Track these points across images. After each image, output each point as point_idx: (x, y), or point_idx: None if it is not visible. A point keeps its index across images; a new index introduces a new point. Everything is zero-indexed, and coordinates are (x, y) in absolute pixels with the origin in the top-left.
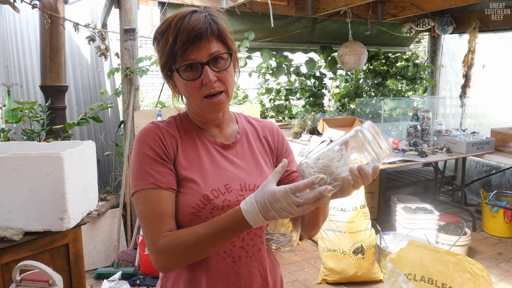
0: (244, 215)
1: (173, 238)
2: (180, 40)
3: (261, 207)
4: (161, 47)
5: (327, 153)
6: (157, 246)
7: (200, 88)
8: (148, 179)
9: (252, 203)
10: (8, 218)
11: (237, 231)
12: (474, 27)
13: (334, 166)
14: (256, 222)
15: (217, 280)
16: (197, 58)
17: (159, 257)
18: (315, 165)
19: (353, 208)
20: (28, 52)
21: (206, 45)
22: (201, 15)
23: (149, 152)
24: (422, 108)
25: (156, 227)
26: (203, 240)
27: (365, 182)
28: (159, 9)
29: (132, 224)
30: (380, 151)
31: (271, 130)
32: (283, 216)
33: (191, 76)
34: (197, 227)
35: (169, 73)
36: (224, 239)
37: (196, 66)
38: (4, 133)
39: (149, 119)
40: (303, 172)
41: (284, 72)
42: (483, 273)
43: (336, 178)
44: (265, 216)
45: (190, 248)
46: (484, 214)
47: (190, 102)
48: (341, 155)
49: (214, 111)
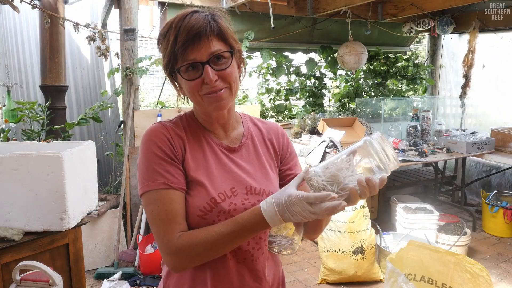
0: (264, 214)
1: (190, 238)
2: (180, 40)
3: (279, 209)
4: (164, 49)
5: (335, 162)
6: (173, 246)
7: (201, 87)
8: (159, 179)
9: (272, 203)
10: (8, 218)
11: (256, 230)
12: (474, 27)
13: (342, 176)
14: (275, 222)
15: (221, 281)
16: (197, 57)
17: (174, 257)
18: (323, 174)
19: (353, 208)
20: (28, 52)
21: (206, 44)
22: (201, 15)
23: (158, 152)
24: (422, 108)
25: (169, 227)
26: (222, 238)
27: (372, 193)
28: (159, 9)
29: (132, 224)
30: (388, 162)
31: (277, 133)
32: (298, 220)
33: (192, 76)
34: (215, 226)
35: (173, 75)
36: (242, 238)
37: (197, 66)
38: (4, 133)
39: (149, 119)
40: (310, 180)
41: (284, 72)
42: (483, 273)
43: (344, 188)
44: (282, 217)
45: (208, 248)
46: (484, 214)
47: (193, 102)
48: (348, 165)
49: (216, 108)
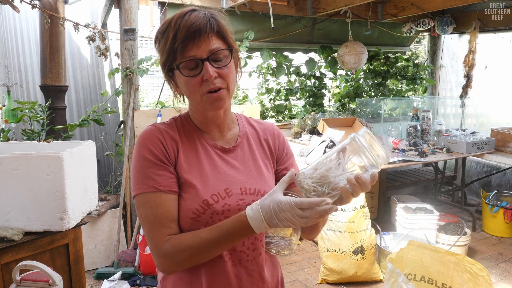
0: (249, 221)
1: (177, 243)
2: (179, 36)
3: (266, 215)
4: (162, 46)
5: (324, 162)
6: (161, 250)
7: (201, 84)
8: (149, 182)
9: (258, 210)
10: (8, 218)
11: (241, 236)
12: (474, 27)
13: (332, 176)
14: (260, 229)
15: (217, 283)
16: (197, 54)
17: (163, 260)
18: (313, 176)
19: (353, 208)
20: (28, 52)
21: (205, 41)
22: (201, 13)
23: (149, 156)
24: (422, 108)
25: (157, 231)
26: (208, 244)
27: (364, 190)
28: (159, 9)
29: (132, 224)
30: (376, 157)
31: (272, 133)
32: (286, 226)
33: (191, 73)
34: (201, 232)
35: (170, 73)
36: (228, 243)
37: (196, 63)
38: (4, 133)
39: (149, 119)
40: (301, 182)
41: (284, 72)
42: (483, 273)
43: (335, 187)
44: (269, 223)
45: (195, 253)
46: (484, 214)
47: (191, 100)
48: (338, 164)
49: (214, 107)
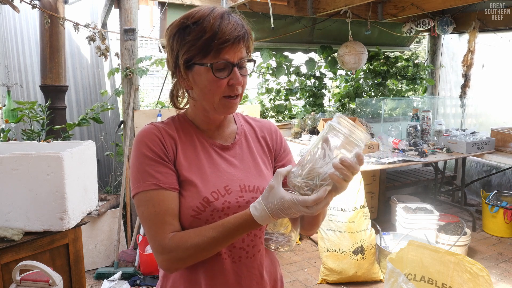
0: (256, 219)
1: (181, 241)
2: (220, 37)
3: (272, 212)
4: (192, 37)
5: (308, 158)
6: (164, 248)
7: (224, 87)
8: (150, 180)
9: (263, 209)
10: (8, 218)
11: (246, 232)
12: (474, 27)
13: (319, 167)
14: (266, 222)
15: (217, 280)
16: (230, 58)
17: (166, 257)
18: (301, 173)
19: (353, 208)
20: (28, 52)
21: (240, 49)
22: (236, 18)
23: (149, 153)
24: (422, 108)
25: (160, 228)
26: (214, 243)
27: (354, 172)
28: (159, 9)
29: (132, 224)
30: (357, 137)
31: (269, 130)
32: (291, 216)
33: (220, 74)
34: (206, 231)
35: (187, 64)
36: (231, 241)
37: (225, 65)
38: (4, 133)
39: (149, 119)
40: (292, 182)
41: (284, 72)
42: (483, 273)
43: (325, 178)
44: (277, 217)
45: (200, 251)
46: (484, 214)
47: (204, 99)
48: (322, 155)
49: (226, 111)
